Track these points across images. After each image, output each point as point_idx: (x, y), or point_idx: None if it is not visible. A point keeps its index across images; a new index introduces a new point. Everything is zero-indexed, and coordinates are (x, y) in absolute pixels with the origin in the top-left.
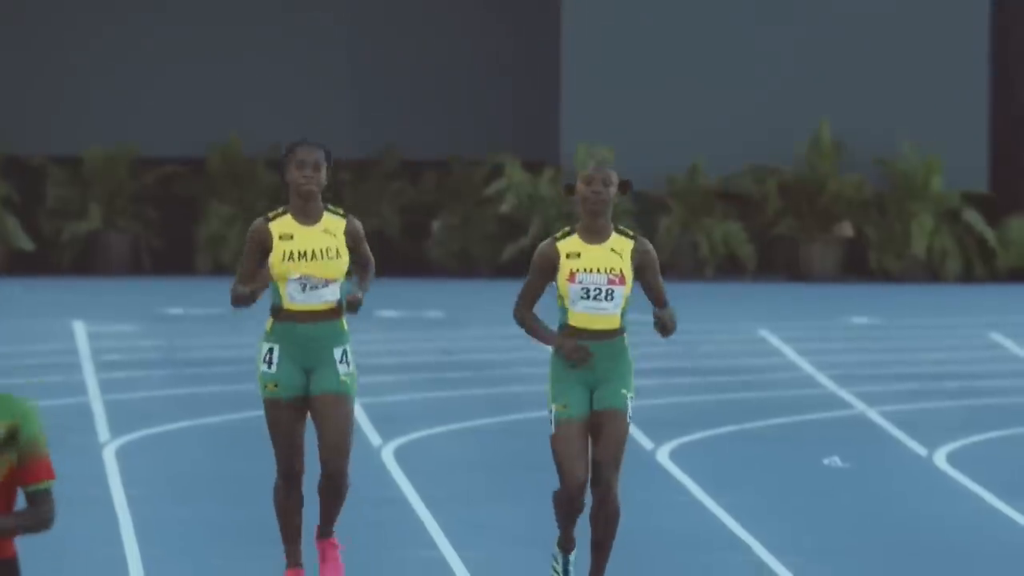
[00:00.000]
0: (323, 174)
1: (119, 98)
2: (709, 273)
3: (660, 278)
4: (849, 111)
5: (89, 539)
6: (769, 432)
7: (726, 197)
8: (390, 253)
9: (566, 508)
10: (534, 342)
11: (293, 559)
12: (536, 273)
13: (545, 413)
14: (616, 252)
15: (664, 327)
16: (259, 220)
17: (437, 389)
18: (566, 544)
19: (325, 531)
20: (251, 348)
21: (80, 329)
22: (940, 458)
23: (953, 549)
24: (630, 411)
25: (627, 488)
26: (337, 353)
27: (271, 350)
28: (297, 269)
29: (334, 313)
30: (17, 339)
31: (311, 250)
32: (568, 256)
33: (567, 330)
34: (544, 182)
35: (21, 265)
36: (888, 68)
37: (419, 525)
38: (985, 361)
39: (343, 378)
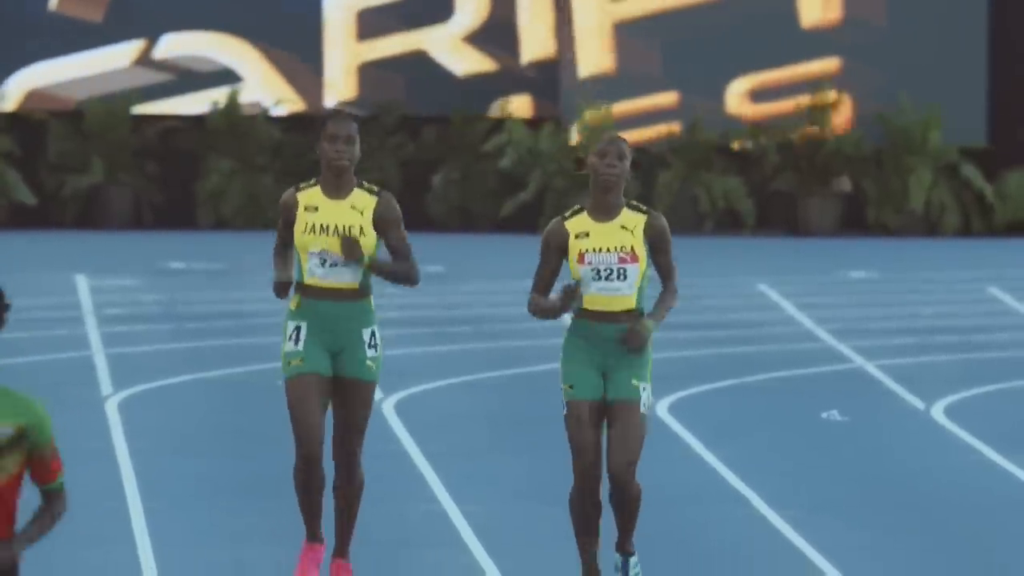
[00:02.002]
0: (356, 148)
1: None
2: (708, 227)
3: (670, 257)
4: (847, 66)
5: (92, 492)
6: (768, 386)
7: (727, 153)
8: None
9: (582, 508)
10: (551, 318)
11: (313, 532)
12: (546, 254)
13: (546, 367)
14: (627, 229)
15: (631, 338)
16: (290, 190)
17: (437, 343)
18: (590, 572)
19: (341, 551)
20: (252, 303)
21: (82, 283)
22: (938, 411)
23: (950, 502)
24: (644, 405)
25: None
26: (366, 335)
27: (298, 328)
28: (317, 243)
29: (358, 294)
30: (20, 293)
31: (333, 224)
32: (577, 236)
33: (582, 314)
34: (544, 137)
35: (23, 219)
36: (888, 24)
37: (419, 479)
38: (983, 315)
39: (369, 363)
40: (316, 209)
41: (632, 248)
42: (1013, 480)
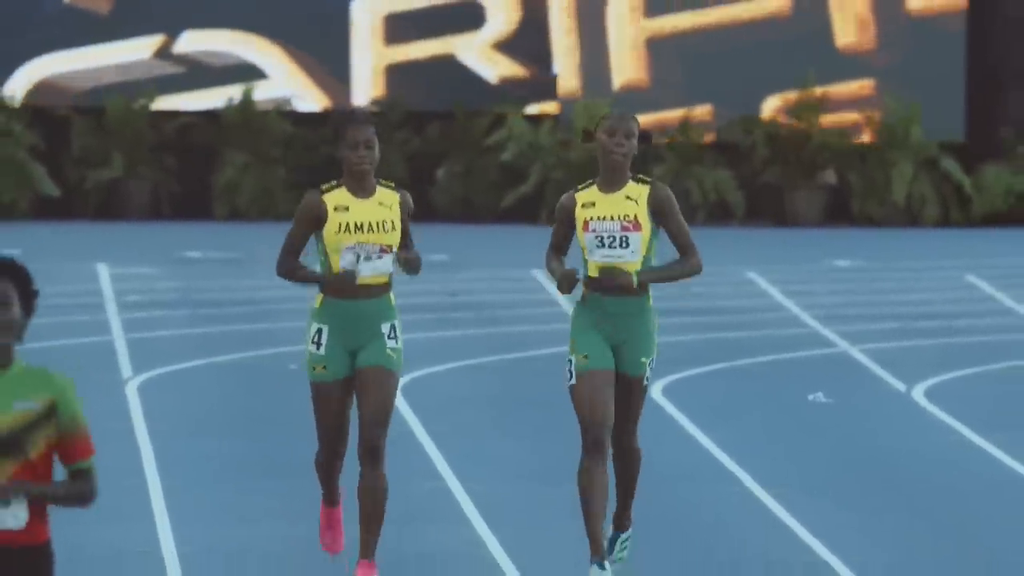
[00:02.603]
0: (376, 151)
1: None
2: (700, 218)
3: (681, 221)
4: (832, 65)
5: (113, 470)
6: (757, 369)
7: (717, 147)
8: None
9: (591, 481)
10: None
11: (331, 498)
12: (558, 222)
13: (547, 351)
14: (631, 199)
15: (612, 278)
16: (312, 193)
17: (441, 329)
18: (594, 550)
19: (366, 551)
20: (265, 290)
21: (103, 271)
22: (918, 394)
23: (931, 480)
24: (647, 378)
25: None
26: (385, 328)
27: (320, 331)
28: (351, 239)
29: (385, 287)
30: (44, 281)
31: (367, 222)
32: (584, 206)
33: (588, 281)
34: (543, 132)
35: (47, 211)
36: (870, 24)
37: (425, 458)
38: (961, 302)
39: (389, 352)
40: (347, 209)
41: (635, 216)
42: (991, 459)
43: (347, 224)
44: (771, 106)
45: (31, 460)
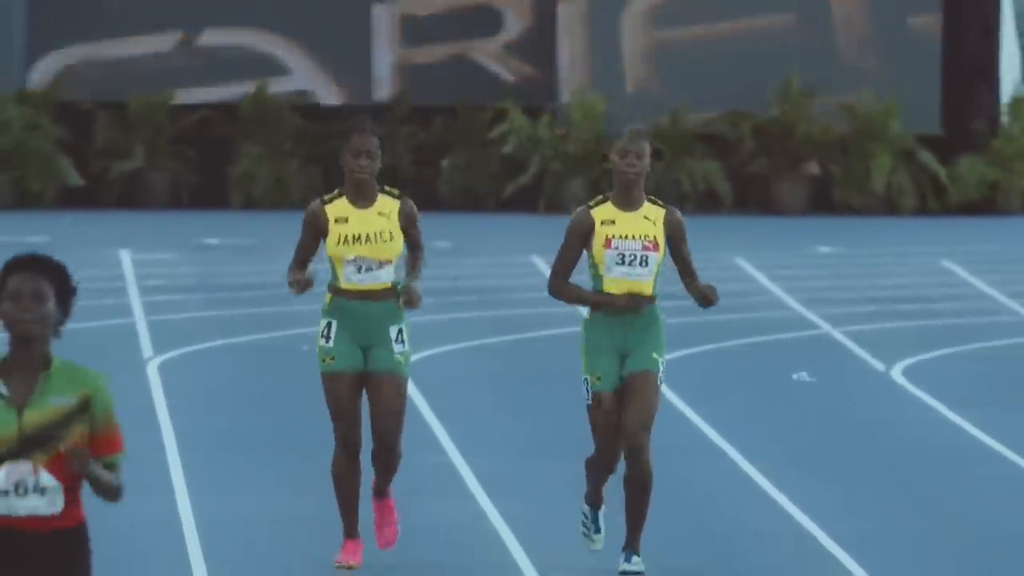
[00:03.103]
0: (377, 161)
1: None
2: (690, 207)
3: (687, 248)
4: (816, 62)
5: (135, 445)
6: (744, 350)
7: (707, 138)
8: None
9: (597, 470)
10: (577, 305)
11: (351, 530)
12: (572, 240)
13: (545, 333)
14: (649, 220)
15: (706, 298)
16: (315, 203)
17: (445, 312)
18: (595, 500)
19: (381, 490)
20: (278, 275)
21: (126, 257)
22: (897, 373)
23: (908, 454)
24: (661, 375)
25: None
26: (393, 332)
27: (329, 324)
28: (352, 251)
29: (389, 293)
30: (70, 266)
31: (365, 233)
32: (603, 223)
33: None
34: (542, 126)
35: (73, 200)
36: (852, 23)
37: (430, 434)
38: (937, 286)
39: (398, 357)
40: (346, 220)
41: (655, 238)
42: (965, 435)
43: (347, 236)
44: (761, 103)
45: (63, 453)
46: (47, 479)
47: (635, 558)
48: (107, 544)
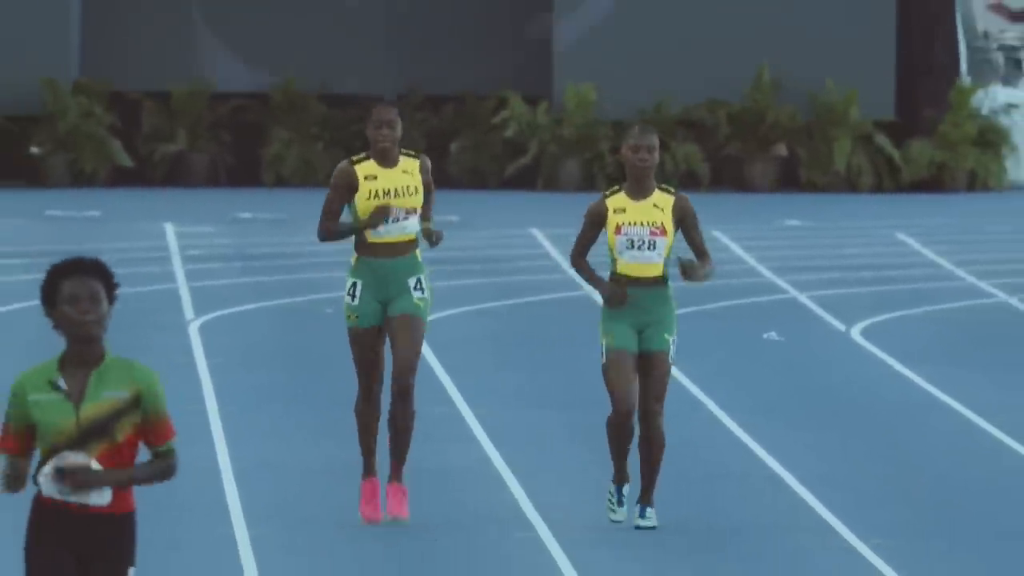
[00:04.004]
0: (398, 129)
1: (201, 42)
2: (671, 186)
3: (699, 230)
4: (784, 55)
5: (178, 399)
6: (720, 312)
7: (687, 124)
8: None
9: (616, 432)
10: (588, 287)
11: (369, 468)
12: (588, 224)
13: (543, 297)
14: (658, 207)
15: (688, 273)
16: (344, 164)
17: (454, 278)
18: (619, 478)
19: (396, 475)
20: (306, 245)
21: (170, 230)
22: (856, 333)
23: (866, 405)
24: (672, 353)
25: (590, 361)
26: (412, 281)
27: (354, 284)
28: (381, 204)
29: (412, 246)
30: (120, 238)
31: (394, 188)
32: (615, 211)
33: (616, 278)
34: (540, 113)
35: (122, 179)
36: (815, 20)
37: (439, 387)
38: (892, 256)
39: (417, 301)
40: (375, 177)
41: (662, 224)
42: (917, 388)
43: (376, 191)
44: (736, 92)
45: (118, 443)
46: (99, 469)
47: (649, 511)
48: (151, 489)
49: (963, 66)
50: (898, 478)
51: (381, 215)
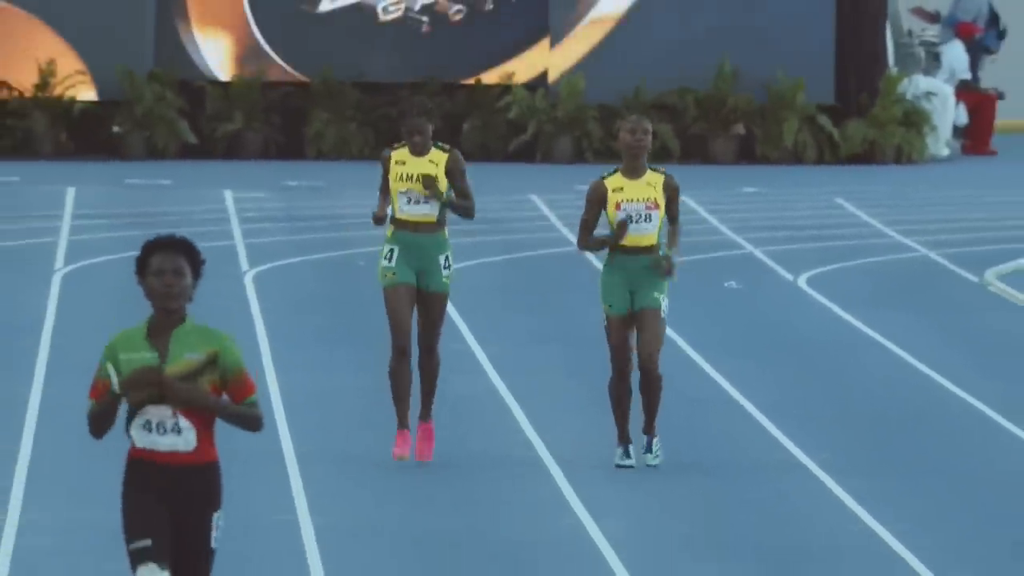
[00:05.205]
0: (427, 132)
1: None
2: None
3: (677, 203)
4: (742, 49)
5: (235, 339)
6: (689, 265)
7: (660, 107)
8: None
9: (617, 392)
10: (600, 250)
11: (402, 422)
12: (590, 205)
13: (542, 252)
14: (651, 185)
15: (660, 266)
16: (386, 151)
17: (466, 236)
18: (622, 438)
19: (425, 414)
20: (343, 208)
21: (228, 196)
22: (802, 282)
23: (810, 343)
24: (664, 310)
25: (582, 306)
26: (441, 259)
27: (391, 251)
28: (404, 185)
29: (436, 225)
30: (187, 203)
31: (416, 174)
32: (614, 191)
33: (618, 248)
34: (538, 98)
35: (189, 153)
36: (768, 21)
37: (453, 327)
38: (832, 217)
39: (444, 280)
40: (404, 163)
41: (655, 199)
42: (854, 328)
43: (402, 174)
44: (702, 80)
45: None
46: (184, 422)
47: (655, 442)
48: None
49: (891, 59)
50: (838, 403)
51: (431, 187)
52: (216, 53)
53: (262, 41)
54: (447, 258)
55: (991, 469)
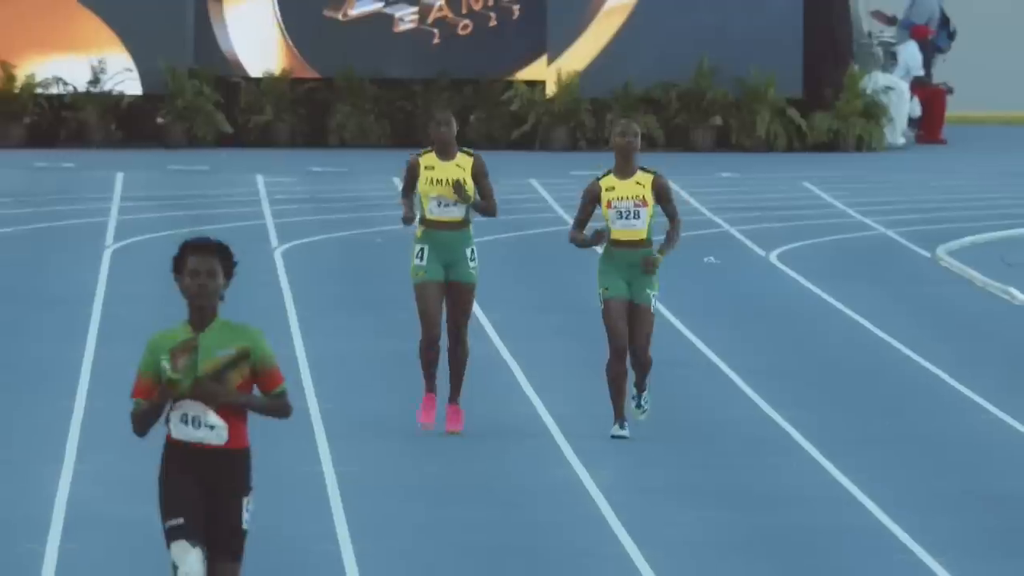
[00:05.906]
0: (453, 129)
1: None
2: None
3: (672, 202)
4: (719, 48)
5: (263, 307)
6: None
7: (646, 101)
8: None
9: (614, 372)
10: (583, 247)
11: (430, 386)
12: (584, 203)
13: (540, 231)
14: (640, 184)
15: (647, 265)
16: (413, 155)
17: (473, 216)
18: (618, 415)
19: (454, 398)
20: (363, 191)
21: (260, 180)
22: (773, 257)
23: (781, 311)
24: (654, 306)
25: (577, 279)
26: (468, 252)
27: (422, 249)
28: (435, 190)
29: (463, 224)
30: (223, 186)
31: (445, 178)
32: (607, 190)
33: (611, 243)
34: (537, 92)
35: (225, 141)
36: (742, 21)
37: None
38: (800, 199)
39: (471, 270)
40: (433, 168)
41: (644, 197)
42: (819, 299)
43: (432, 179)
44: (683, 76)
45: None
46: (214, 419)
47: (644, 400)
48: None
49: (853, 57)
50: (805, 365)
51: (461, 193)
52: (250, 52)
53: (291, 43)
54: (472, 251)
55: (939, 421)
